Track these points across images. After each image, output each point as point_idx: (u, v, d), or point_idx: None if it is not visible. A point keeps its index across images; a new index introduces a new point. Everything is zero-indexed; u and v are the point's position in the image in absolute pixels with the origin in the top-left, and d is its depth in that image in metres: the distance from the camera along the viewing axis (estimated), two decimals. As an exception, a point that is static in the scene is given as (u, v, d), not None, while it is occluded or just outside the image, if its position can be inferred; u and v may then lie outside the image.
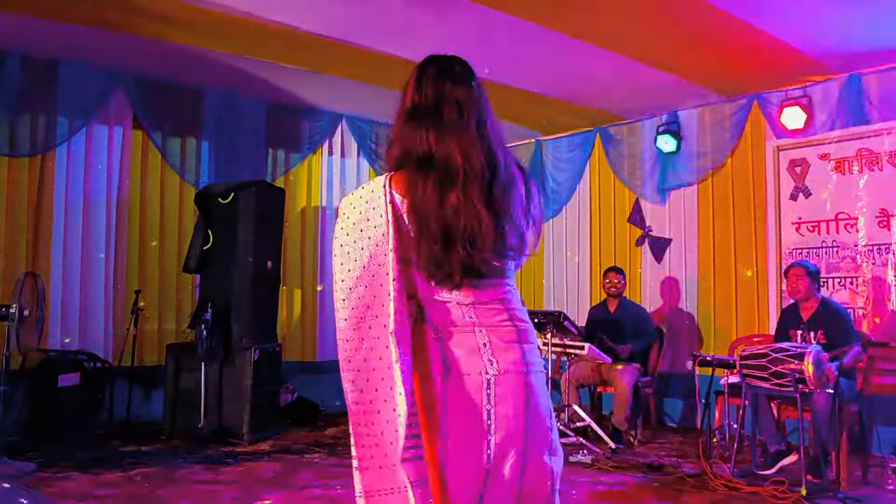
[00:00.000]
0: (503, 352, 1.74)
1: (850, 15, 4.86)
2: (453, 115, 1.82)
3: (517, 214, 1.80)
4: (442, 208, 1.72)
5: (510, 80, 6.27)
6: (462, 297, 1.76)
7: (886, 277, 5.51)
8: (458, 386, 1.71)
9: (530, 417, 1.73)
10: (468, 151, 1.77)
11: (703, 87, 6.33)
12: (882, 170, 5.60)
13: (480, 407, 1.70)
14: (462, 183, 1.74)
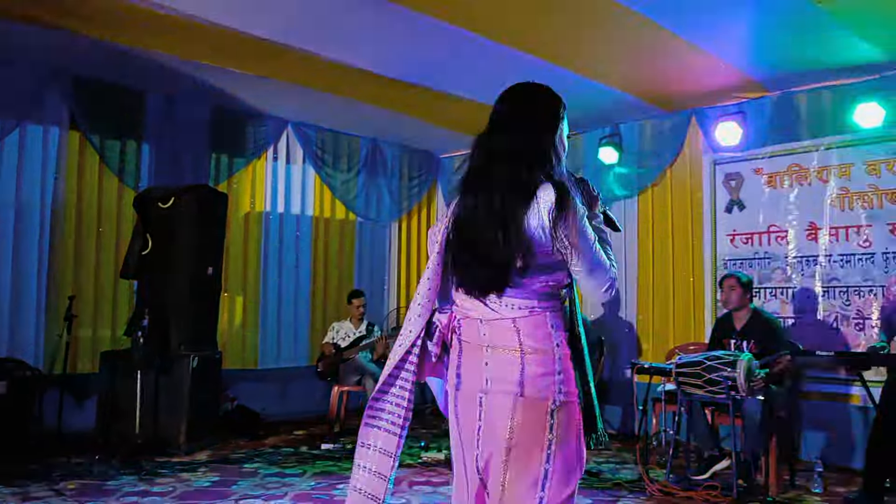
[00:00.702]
0: (498, 371, 1.85)
1: (782, 36, 5.05)
2: (505, 138, 1.94)
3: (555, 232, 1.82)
4: (472, 221, 1.88)
5: (457, 90, 6.32)
6: (482, 312, 1.89)
7: (814, 288, 5.73)
8: (462, 398, 1.93)
9: (514, 440, 1.81)
10: (506, 169, 1.87)
11: (644, 101, 6.48)
12: (811, 185, 5.83)
13: (474, 420, 1.88)
14: (492, 196, 1.85)
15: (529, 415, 1.81)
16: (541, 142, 1.93)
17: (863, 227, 5.55)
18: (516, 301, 1.87)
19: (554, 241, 1.82)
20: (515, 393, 1.81)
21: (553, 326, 1.88)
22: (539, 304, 1.88)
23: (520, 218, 1.82)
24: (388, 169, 8.20)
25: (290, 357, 7.28)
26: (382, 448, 1.94)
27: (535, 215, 1.82)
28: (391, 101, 6.69)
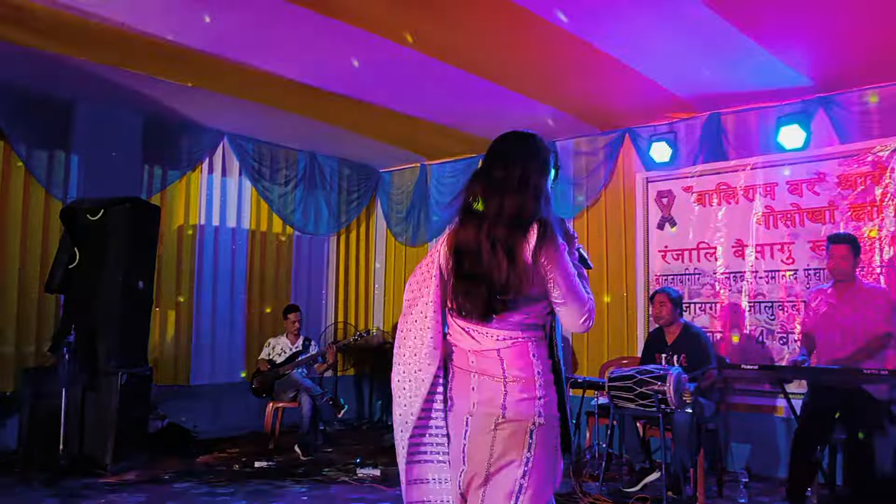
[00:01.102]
0: (483, 395, 2.04)
1: (711, 60, 5.23)
2: (500, 174, 2.11)
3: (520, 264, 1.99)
4: (472, 250, 2.04)
5: (396, 105, 6.34)
6: (471, 344, 2.08)
7: (741, 303, 5.92)
8: (453, 418, 2.11)
9: (493, 458, 2.00)
10: (503, 204, 2.05)
11: (579, 120, 6.62)
12: (738, 203, 6.03)
13: (460, 438, 2.07)
14: (491, 229, 2.02)
15: (509, 433, 1.99)
16: (536, 184, 2.11)
17: (786, 244, 5.77)
18: (501, 332, 2.06)
19: (537, 271, 2.00)
20: (496, 416, 2.00)
21: (535, 355, 2.06)
22: (522, 334, 2.06)
23: (518, 248, 2.00)
24: (326, 182, 8.16)
25: (224, 373, 7.15)
26: (439, 478, 2.15)
27: (528, 250, 2.00)
28: (330, 115, 6.67)
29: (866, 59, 5.12)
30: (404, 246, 8.45)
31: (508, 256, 1.99)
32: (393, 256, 8.63)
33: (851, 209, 5.51)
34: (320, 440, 6.55)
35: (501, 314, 2.04)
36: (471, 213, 2.10)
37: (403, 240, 8.42)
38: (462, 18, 4.68)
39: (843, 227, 5.41)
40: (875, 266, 5.34)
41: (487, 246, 2.01)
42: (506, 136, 2.23)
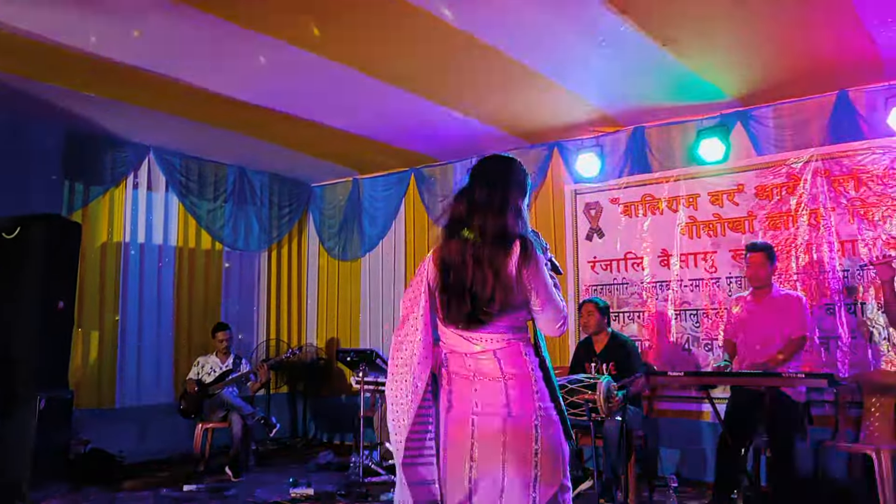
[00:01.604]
0: (486, 397, 2.20)
1: (633, 76, 5.38)
2: (483, 196, 2.30)
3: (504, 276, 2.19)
4: (458, 265, 2.23)
5: (326, 119, 6.31)
6: (467, 347, 2.25)
7: (667, 311, 6.07)
8: (454, 420, 2.23)
9: (507, 453, 2.15)
10: (485, 222, 2.25)
11: (508, 134, 6.70)
12: (662, 214, 6.20)
13: (466, 438, 2.19)
14: (472, 248, 2.22)
15: (517, 430, 2.16)
16: (516, 202, 2.32)
17: (709, 253, 5.95)
18: (494, 336, 2.24)
19: (520, 284, 2.21)
20: (504, 414, 2.17)
21: (525, 354, 2.26)
22: (513, 336, 2.26)
23: (501, 264, 2.20)
24: (257, 197, 8.04)
25: (151, 394, 6.92)
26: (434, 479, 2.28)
27: (512, 265, 2.20)
28: (259, 129, 6.59)
29: (779, 76, 5.35)
30: (337, 260, 8.38)
31: (493, 272, 2.19)
32: (326, 271, 8.55)
33: (769, 219, 5.73)
34: (252, 460, 6.42)
35: (489, 321, 2.23)
36: (455, 231, 2.29)
37: (336, 254, 8.36)
38: (388, 33, 4.70)
39: (762, 237, 5.62)
40: (792, 273, 5.56)
41: (472, 262, 2.21)
42: (488, 160, 2.45)
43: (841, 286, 5.37)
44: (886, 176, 5.28)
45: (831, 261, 5.43)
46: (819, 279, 5.46)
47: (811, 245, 5.53)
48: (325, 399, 8.20)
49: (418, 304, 2.31)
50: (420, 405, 2.24)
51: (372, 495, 5.15)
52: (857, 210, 5.37)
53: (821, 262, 5.47)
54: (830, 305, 5.38)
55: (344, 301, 8.32)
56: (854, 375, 5.15)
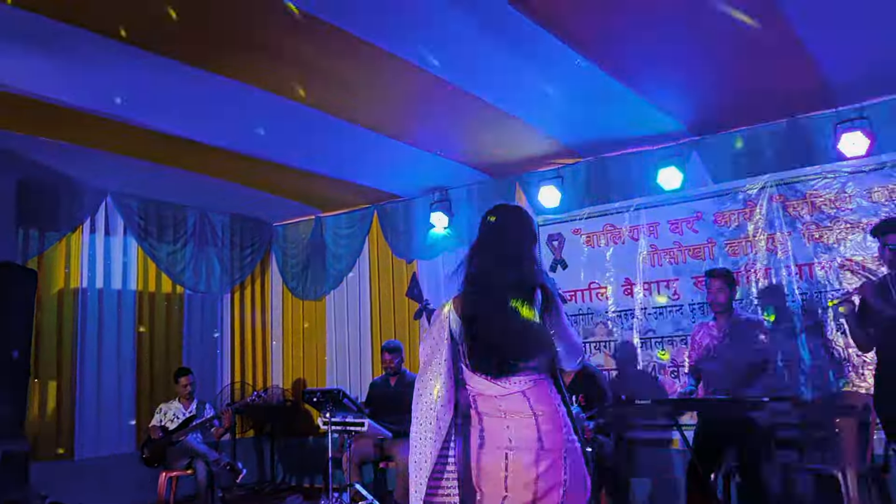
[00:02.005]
0: (519, 432, 2.32)
1: (591, 108, 5.47)
2: (500, 248, 2.44)
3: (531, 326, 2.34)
4: (484, 321, 2.36)
5: (288, 160, 6.29)
6: (497, 391, 2.37)
7: (633, 340, 6.10)
8: (488, 454, 2.36)
9: (539, 484, 2.28)
10: (507, 274, 2.37)
11: (470, 168, 6.75)
12: (624, 243, 6.27)
13: (500, 470, 2.32)
14: (499, 301, 2.34)
15: (549, 462, 2.30)
16: (531, 251, 2.48)
17: (671, 280, 6.02)
18: (522, 378, 2.37)
19: (544, 330, 2.37)
20: (537, 448, 2.30)
21: (551, 392, 2.41)
22: (538, 376, 2.39)
23: (528, 315, 2.33)
24: (218, 238, 7.95)
25: (111, 444, 6.73)
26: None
27: (536, 312, 2.34)
28: (219, 170, 6.54)
29: (733, 105, 5.48)
30: (301, 300, 8.30)
31: (521, 324, 2.33)
32: (290, 311, 8.45)
33: (728, 245, 5.82)
34: (219, 508, 6.25)
35: (518, 370, 2.37)
36: (477, 284, 2.42)
37: (300, 293, 8.28)
38: (351, 74, 4.73)
39: (721, 262, 5.69)
40: (752, 297, 5.64)
41: (499, 315, 2.34)
42: (498, 210, 2.58)
43: (800, 309, 5.45)
44: (838, 200, 5.40)
45: (790, 285, 5.52)
46: (779, 303, 5.53)
47: (770, 269, 5.62)
48: (292, 442, 8.05)
49: (440, 352, 2.41)
50: (443, 445, 2.36)
51: (342, 539, 5.04)
52: (812, 234, 5.48)
53: (780, 287, 5.55)
54: (791, 329, 5.46)
55: (309, 341, 8.22)
56: (818, 397, 5.21)
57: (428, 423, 2.37)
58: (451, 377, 2.39)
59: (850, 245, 5.31)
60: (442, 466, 2.37)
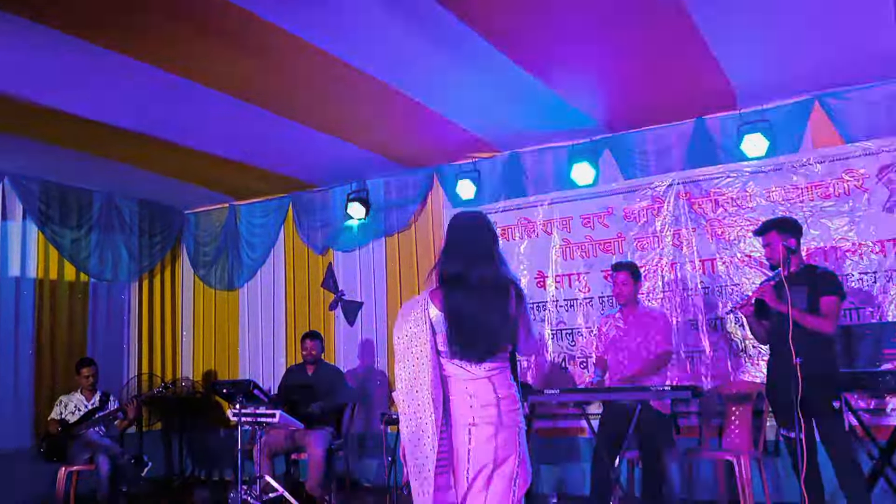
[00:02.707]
0: (482, 411, 2.62)
1: (507, 103, 5.54)
2: (473, 249, 2.72)
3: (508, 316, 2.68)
4: (465, 314, 2.64)
5: (201, 145, 6.13)
6: (467, 375, 2.67)
7: (544, 332, 6.23)
8: (455, 431, 2.64)
9: (498, 452, 2.60)
10: (482, 272, 2.67)
11: (387, 159, 6.73)
12: (538, 236, 6.39)
13: (464, 446, 2.61)
14: (477, 295, 2.65)
15: (506, 435, 2.61)
16: (499, 252, 2.77)
17: (582, 273, 6.17)
18: (490, 364, 2.68)
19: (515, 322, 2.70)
20: (497, 423, 2.61)
21: (511, 378, 2.74)
22: (502, 363, 2.72)
23: (505, 309, 2.67)
24: (126, 225, 7.66)
25: (7, 438, 6.38)
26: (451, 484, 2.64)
27: (512, 307, 2.68)
28: (127, 155, 6.32)
29: (642, 104, 5.66)
30: (214, 290, 8.11)
31: (500, 316, 2.66)
32: (202, 301, 8.24)
33: (636, 240, 6.01)
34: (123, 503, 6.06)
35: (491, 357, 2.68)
36: (455, 279, 2.67)
37: (213, 284, 8.08)
38: (265, 60, 4.64)
39: (630, 257, 5.87)
40: (658, 291, 5.84)
41: (480, 309, 2.64)
42: (465, 216, 2.90)
43: (702, 303, 5.68)
44: (740, 198, 5.65)
45: (693, 279, 5.74)
46: (683, 296, 5.76)
47: (675, 264, 5.83)
48: (202, 434, 7.86)
49: (419, 341, 2.67)
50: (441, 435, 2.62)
51: (251, 532, 4.97)
52: (716, 230, 5.72)
53: (684, 280, 5.78)
54: (694, 321, 5.69)
55: (221, 332, 8.05)
56: (716, 387, 5.45)
57: (426, 405, 2.61)
58: (437, 364, 2.66)
59: (750, 242, 5.56)
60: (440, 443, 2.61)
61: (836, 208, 5.33)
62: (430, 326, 2.67)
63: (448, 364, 2.69)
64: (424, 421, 2.60)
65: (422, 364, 2.65)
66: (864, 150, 5.28)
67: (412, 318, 2.71)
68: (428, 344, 2.66)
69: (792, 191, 5.48)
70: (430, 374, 2.63)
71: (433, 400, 2.61)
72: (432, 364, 2.64)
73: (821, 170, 5.40)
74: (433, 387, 2.62)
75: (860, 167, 5.28)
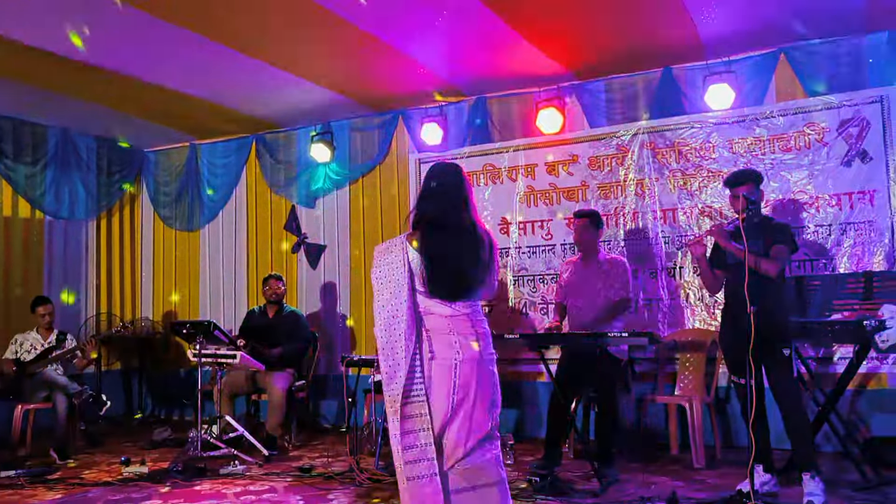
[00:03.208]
0: (465, 348, 2.78)
1: (477, 48, 5.47)
2: (451, 196, 2.86)
3: (484, 261, 2.84)
4: (446, 255, 2.78)
5: (161, 81, 5.96)
6: (449, 312, 2.81)
7: (506, 278, 6.28)
8: (439, 366, 2.77)
9: (478, 387, 2.78)
10: (460, 218, 2.83)
11: (353, 101, 6.63)
12: (503, 183, 6.39)
13: (450, 379, 2.76)
14: (457, 239, 2.79)
15: (485, 369, 2.80)
16: (474, 201, 2.93)
17: (545, 221, 6.20)
18: (467, 303, 2.84)
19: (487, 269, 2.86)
20: (477, 358, 2.78)
21: (483, 316, 2.93)
22: (476, 303, 2.90)
23: (482, 252, 2.82)
24: (83, 162, 7.47)
25: (-39, 376, 6.32)
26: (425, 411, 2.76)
27: (486, 251, 2.84)
28: (83, 89, 6.12)
29: (610, 52, 5.61)
30: (175, 230, 7.99)
31: (478, 258, 2.81)
32: (162, 242, 8.12)
33: (600, 188, 6.04)
34: (82, 441, 6.05)
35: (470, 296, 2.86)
36: (435, 224, 2.80)
37: (173, 224, 7.96)
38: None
39: (594, 205, 5.90)
40: (620, 239, 5.90)
41: (461, 251, 2.79)
42: (443, 166, 3.02)
43: (662, 252, 5.76)
44: (703, 149, 5.69)
45: (654, 228, 5.81)
46: (644, 245, 5.83)
47: (637, 213, 5.89)
48: (162, 374, 7.85)
49: (397, 279, 2.79)
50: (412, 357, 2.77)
51: (211, 470, 4.99)
52: (678, 181, 5.77)
53: (645, 230, 5.84)
54: (653, 270, 5.77)
55: (182, 273, 7.96)
56: (672, 334, 5.57)
57: (399, 340, 2.75)
58: (412, 301, 2.80)
59: (711, 193, 5.63)
60: (412, 373, 2.76)
61: (797, 161, 5.40)
62: (409, 267, 2.80)
63: (428, 301, 2.83)
64: (400, 355, 2.75)
65: (399, 302, 2.78)
66: (825, 103, 5.33)
67: (390, 258, 2.83)
68: (405, 283, 2.78)
69: (755, 143, 5.53)
70: (407, 311, 2.76)
71: (408, 335, 2.76)
72: (408, 303, 2.77)
73: (783, 122, 5.46)
74: (408, 324, 2.76)
75: (821, 121, 5.34)
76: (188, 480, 4.82)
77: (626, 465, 4.85)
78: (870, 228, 5.16)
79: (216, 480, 4.84)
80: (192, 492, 4.56)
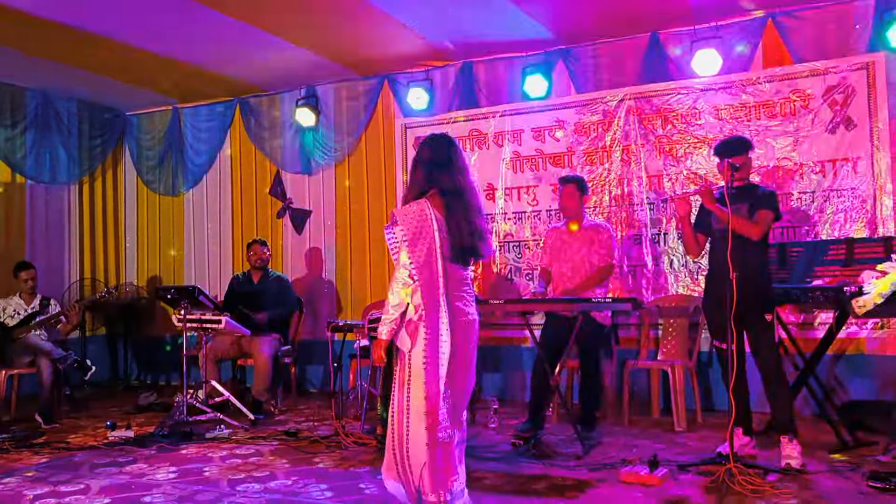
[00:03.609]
0: (471, 305, 3.12)
1: (463, 10, 5.40)
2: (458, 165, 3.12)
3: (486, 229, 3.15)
4: (465, 221, 3.03)
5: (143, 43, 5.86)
6: (463, 275, 3.10)
7: (492, 243, 6.27)
8: (456, 323, 3.02)
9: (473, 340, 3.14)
10: (470, 185, 3.14)
11: (338, 65, 6.55)
12: (489, 148, 6.36)
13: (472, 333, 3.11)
14: (470, 205, 3.07)
15: (475, 327, 3.14)
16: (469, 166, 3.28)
17: (531, 187, 6.19)
18: (470, 268, 3.16)
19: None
20: (476, 316, 3.14)
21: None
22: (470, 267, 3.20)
23: (482, 217, 3.14)
24: (64, 126, 7.36)
25: (-56, 342, 6.28)
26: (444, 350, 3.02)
27: (483, 213, 3.16)
28: (63, 52, 6.01)
29: (597, 16, 5.56)
30: (158, 195, 7.91)
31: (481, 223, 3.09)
32: (146, 206, 8.04)
33: (586, 154, 6.03)
34: (67, 406, 6.06)
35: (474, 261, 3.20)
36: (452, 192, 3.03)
37: (157, 188, 7.88)
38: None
39: (580, 171, 5.89)
40: (605, 205, 5.91)
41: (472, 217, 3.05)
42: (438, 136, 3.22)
43: (647, 218, 5.78)
44: (689, 115, 5.68)
45: (640, 194, 5.82)
46: (629, 211, 5.84)
47: (623, 179, 5.89)
48: (148, 339, 7.84)
49: (428, 229, 2.97)
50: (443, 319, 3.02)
51: (196, 434, 5.03)
52: (664, 147, 5.76)
53: (631, 196, 5.85)
54: (638, 236, 5.80)
55: (166, 238, 7.91)
56: (656, 299, 5.61)
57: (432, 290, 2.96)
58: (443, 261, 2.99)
59: (696, 159, 5.63)
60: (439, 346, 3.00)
61: (782, 128, 5.40)
62: (436, 229, 2.99)
63: (445, 265, 3.02)
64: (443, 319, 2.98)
65: (433, 248, 2.98)
66: (811, 70, 5.32)
67: (415, 215, 3.00)
68: (436, 233, 2.98)
69: (741, 109, 5.53)
70: (441, 275, 2.97)
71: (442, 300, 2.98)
72: (441, 267, 2.98)
73: (769, 89, 5.45)
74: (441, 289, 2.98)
75: (807, 88, 5.34)
76: (174, 444, 4.84)
77: (609, 429, 4.92)
78: (852, 195, 5.19)
79: (202, 444, 4.87)
80: (177, 455, 4.59)
